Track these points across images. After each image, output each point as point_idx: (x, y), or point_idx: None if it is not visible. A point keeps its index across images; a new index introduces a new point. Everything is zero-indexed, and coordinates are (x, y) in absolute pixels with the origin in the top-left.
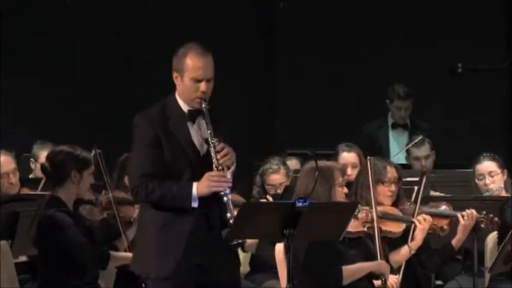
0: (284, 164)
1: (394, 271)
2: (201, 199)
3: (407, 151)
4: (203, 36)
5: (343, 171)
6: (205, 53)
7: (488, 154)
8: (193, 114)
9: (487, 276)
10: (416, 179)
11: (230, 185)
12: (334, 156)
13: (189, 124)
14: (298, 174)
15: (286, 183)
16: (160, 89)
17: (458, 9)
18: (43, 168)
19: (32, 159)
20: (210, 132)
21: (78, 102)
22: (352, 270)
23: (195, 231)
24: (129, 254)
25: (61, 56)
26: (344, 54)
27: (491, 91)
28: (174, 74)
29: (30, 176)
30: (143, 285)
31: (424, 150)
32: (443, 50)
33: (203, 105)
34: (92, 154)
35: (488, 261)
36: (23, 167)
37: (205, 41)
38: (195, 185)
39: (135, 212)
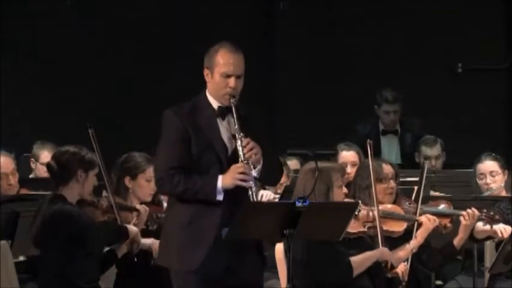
0: (284, 164)
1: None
2: (227, 195)
3: (418, 149)
4: (203, 36)
5: (343, 173)
6: (236, 50)
7: (490, 154)
8: (223, 111)
9: (487, 276)
10: (416, 179)
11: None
12: (334, 156)
13: (218, 121)
14: (298, 174)
15: (286, 184)
16: (160, 88)
17: (458, 9)
18: (49, 167)
19: (32, 159)
20: (236, 128)
21: (79, 102)
22: (359, 260)
23: (220, 228)
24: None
25: (61, 56)
26: (344, 54)
27: (491, 91)
28: (205, 71)
29: (30, 176)
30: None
31: (435, 150)
32: (443, 50)
33: (232, 101)
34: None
35: (488, 261)
36: (23, 167)
37: (205, 41)
38: (220, 177)
39: (134, 218)
